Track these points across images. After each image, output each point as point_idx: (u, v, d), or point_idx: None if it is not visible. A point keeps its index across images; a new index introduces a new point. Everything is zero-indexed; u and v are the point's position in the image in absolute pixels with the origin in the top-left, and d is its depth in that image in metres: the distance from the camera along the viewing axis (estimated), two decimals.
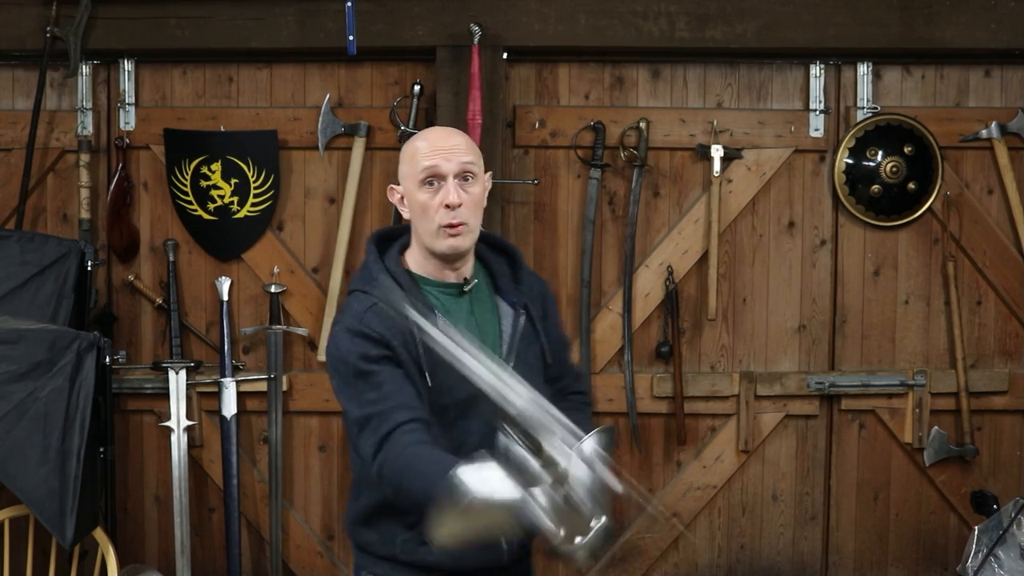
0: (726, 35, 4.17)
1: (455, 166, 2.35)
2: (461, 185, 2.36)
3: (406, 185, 2.40)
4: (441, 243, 2.36)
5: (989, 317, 4.42)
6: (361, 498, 2.47)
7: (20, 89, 4.31)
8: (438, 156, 2.35)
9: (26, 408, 3.51)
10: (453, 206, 2.33)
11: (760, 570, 4.44)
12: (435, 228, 2.35)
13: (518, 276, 2.52)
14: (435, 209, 2.35)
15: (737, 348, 4.39)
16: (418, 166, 2.36)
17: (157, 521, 4.38)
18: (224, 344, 4.24)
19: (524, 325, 2.48)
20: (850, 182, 4.33)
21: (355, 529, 2.50)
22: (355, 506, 2.50)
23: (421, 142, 2.40)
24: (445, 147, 2.37)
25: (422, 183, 2.36)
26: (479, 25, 4.06)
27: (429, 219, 2.36)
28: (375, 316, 2.33)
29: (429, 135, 2.44)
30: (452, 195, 2.33)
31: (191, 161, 4.24)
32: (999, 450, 4.45)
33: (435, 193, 2.35)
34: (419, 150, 2.38)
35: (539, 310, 2.53)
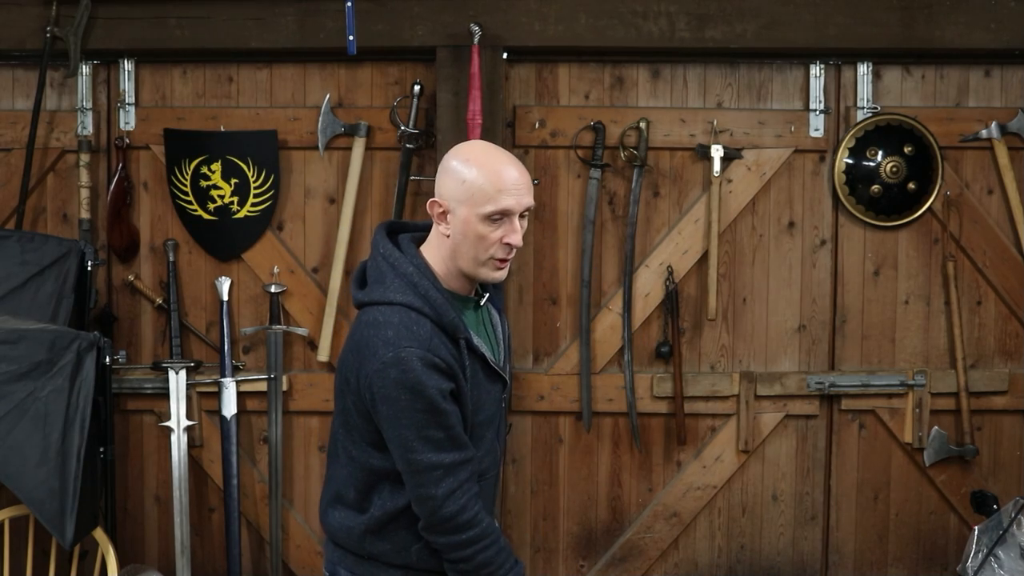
0: (726, 35, 4.17)
1: (523, 207, 2.35)
2: (521, 223, 2.37)
3: (462, 210, 2.33)
4: (487, 273, 2.38)
5: (989, 317, 4.42)
6: (371, 509, 2.45)
7: (20, 89, 4.31)
8: (511, 197, 2.32)
9: (26, 408, 3.51)
10: (516, 246, 2.35)
11: (760, 570, 4.44)
12: (487, 259, 2.36)
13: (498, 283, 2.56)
14: (494, 243, 2.34)
15: (737, 348, 4.39)
16: (488, 203, 2.31)
17: (157, 521, 4.38)
18: (224, 344, 4.24)
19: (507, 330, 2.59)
20: (850, 182, 4.33)
21: (363, 539, 2.46)
22: (361, 518, 2.47)
23: (490, 175, 2.32)
24: (517, 186, 2.33)
25: (488, 218, 2.32)
26: (479, 25, 4.06)
27: (483, 249, 2.35)
28: (440, 343, 2.32)
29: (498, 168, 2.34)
30: (518, 235, 2.35)
31: (191, 161, 4.24)
32: (999, 450, 4.45)
33: (497, 228, 2.33)
34: (489, 184, 2.31)
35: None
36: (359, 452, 2.42)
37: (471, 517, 2.35)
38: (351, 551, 2.49)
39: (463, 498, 2.34)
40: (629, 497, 4.42)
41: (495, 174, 2.32)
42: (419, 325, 2.31)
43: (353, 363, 2.36)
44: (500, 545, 2.41)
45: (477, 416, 2.41)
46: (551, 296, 4.36)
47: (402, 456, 2.33)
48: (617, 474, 4.41)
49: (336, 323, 4.26)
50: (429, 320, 2.31)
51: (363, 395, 2.34)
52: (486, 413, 2.44)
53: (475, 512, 2.36)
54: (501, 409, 2.54)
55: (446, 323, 2.32)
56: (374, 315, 2.33)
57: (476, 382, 2.39)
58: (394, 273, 2.36)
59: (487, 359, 2.42)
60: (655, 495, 4.42)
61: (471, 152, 2.38)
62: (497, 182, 2.31)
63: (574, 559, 4.44)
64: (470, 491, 2.36)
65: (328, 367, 4.31)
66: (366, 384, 2.31)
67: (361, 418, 2.39)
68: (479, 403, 2.41)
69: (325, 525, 2.55)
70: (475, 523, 2.36)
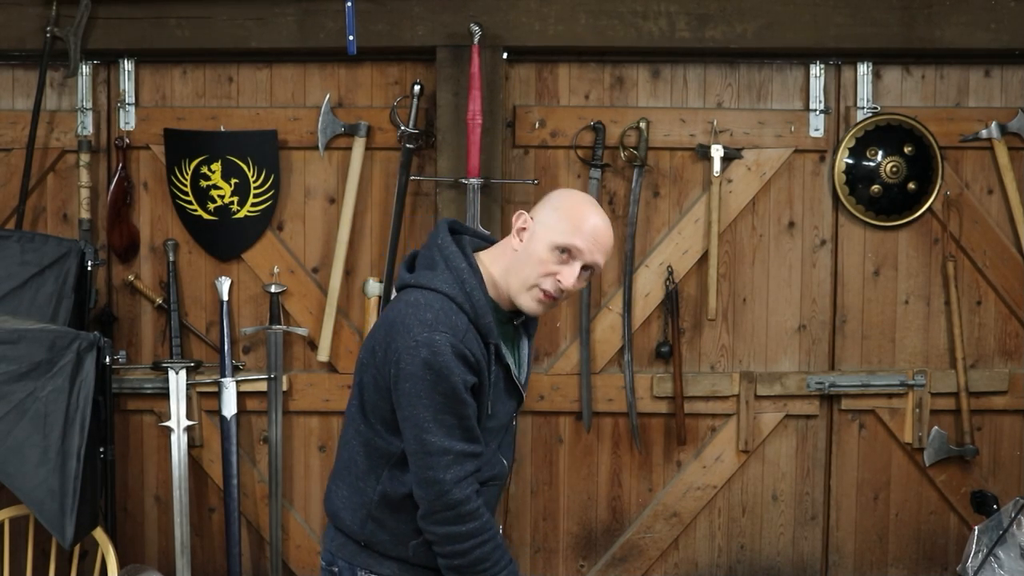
0: (726, 35, 4.17)
1: (591, 259, 2.43)
2: (582, 275, 2.44)
3: (543, 233, 2.43)
4: (526, 302, 2.44)
5: (989, 317, 4.42)
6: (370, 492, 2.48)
7: (20, 89, 4.31)
8: (589, 243, 2.42)
9: (26, 408, 3.51)
10: (566, 289, 2.42)
11: (760, 570, 4.44)
12: (533, 284, 2.42)
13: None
14: (549, 274, 2.41)
15: (737, 348, 4.39)
16: (566, 236, 2.41)
17: (157, 521, 4.38)
18: (224, 344, 4.24)
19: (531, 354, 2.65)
20: (850, 182, 4.33)
21: (364, 524, 2.49)
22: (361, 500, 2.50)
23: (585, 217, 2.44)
24: (600, 242, 2.44)
25: (557, 248, 2.41)
26: (479, 25, 4.06)
27: (536, 274, 2.42)
28: (473, 339, 2.39)
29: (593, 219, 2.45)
30: (571, 280, 2.41)
31: (191, 161, 4.24)
32: (999, 450, 4.45)
33: (560, 263, 2.41)
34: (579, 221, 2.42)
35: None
36: (367, 429, 2.47)
37: (473, 509, 2.38)
38: (351, 537, 2.51)
39: (468, 489, 2.38)
40: (629, 497, 4.43)
41: (583, 217, 2.45)
42: (458, 317, 2.38)
43: (383, 337, 2.41)
44: (497, 542, 2.43)
45: (489, 421, 2.47)
46: None
47: (415, 436, 2.36)
48: (617, 474, 4.41)
49: (336, 323, 4.26)
50: (467, 317, 2.39)
51: (387, 370, 2.39)
52: (497, 422, 2.50)
53: (477, 506, 2.39)
54: (512, 425, 2.61)
55: (482, 324, 2.40)
56: (416, 296, 2.41)
57: (497, 390, 2.46)
58: (446, 265, 2.44)
59: (511, 371, 2.50)
60: (655, 495, 4.42)
61: (575, 196, 2.52)
62: (581, 223, 2.43)
63: (574, 559, 4.44)
64: (474, 484, 2.40)
65: (328, 367, 4.31)
66: (394, 359, 2.36)
67: (378, 394, 2.43)
68: (495, 410, 2.47)
69: (327, 506, 2.58)
70: (476, 516, 2.39)
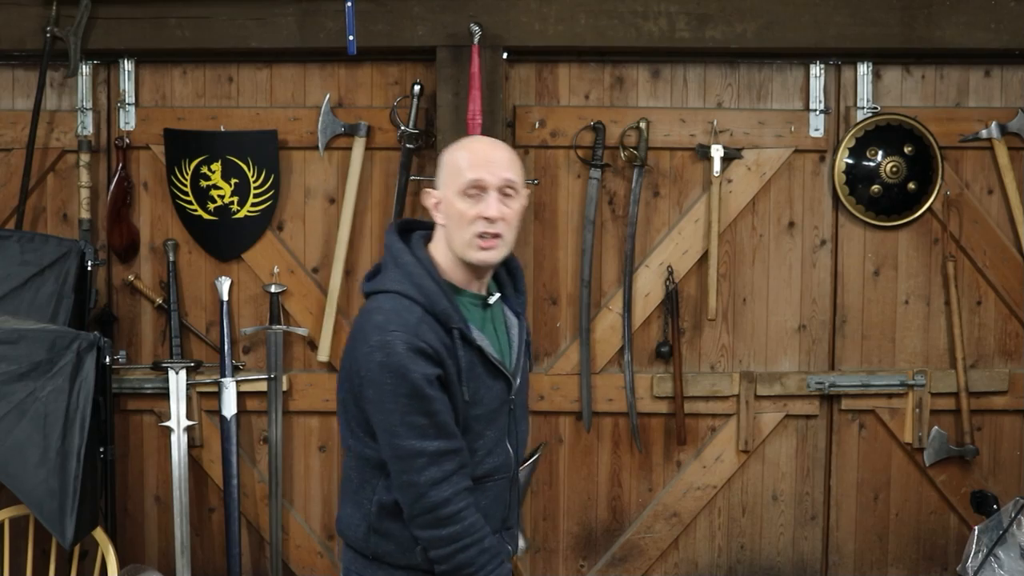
0: (726, 35, 4.17)
1: (498, 180, 2.36)
2: (502, 200, 2.37)
3: (445, 192, 2.40)
4: (474, 254, 2.37)
5: (989, 317, 4.42)
6: (367, 504, 2.45)
7: (20, 89, 4.31)
8: (483, 169, 2.36)
9: (26, 408, 3.51)
10: (493, 219, 2.35)
11: (760, 570, 4.44)
12: (470, 238, 2.36)
13: (517, 284, 2.56)
14: (472, 219, 2.35)
15: (737, 348, 4.39)
16: (461, 177, 2.36)
17: (157, 521, 4.38)
18: (224, 344, 4.24)
19: (523, 334, 2.54)
20: (850, 182, 4.33)
21: (368, 538, 2.46)
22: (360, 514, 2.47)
23: (465, 152, 2.40)
24: (491, 160, 2.38)
25: (463, 193, 2.36)
26: (479, 25, 4.06)
27: (466, 229, 2.36)
28: (429, 329, 2.34)
29: (474, 146, 2.44)
30: (492, 208, 2.35)
31: (191, 161, 4.23)
32: (999, 450, 4.45)
33: (475, 204, 2.36)
34: (463, 160, 2.38)
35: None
36: (355, 441, 2.46)
37: (454, 512, 2.33)
38: (359, 552, 2.49)
39: (448, 490, 2.33)
40: (629, 497, 4.42)
41: (469, 150, 2.41)
42: (409, 312, 2.34)
43: (349, 348, 2.43)
44: (483, 546, 2.36)
45: (474, 409, 2.40)
46: (551, 296, 4.36)
47: (388, 442, 2.35)
48: (617, 474, 4.41)
49: (336, 323, 4.26)
50: (421, 308, 2.35)
51: (354, 380, 2.38)
52: (485, 408, 2.42)
53: (459, 507, 2.33)
54: (512, 411, 2.50)
55: (438, 311, 2.35)
56: (370, 303, 2.42)
57: (473, 375, 2.39)
58: (394, 264, 2.42)
59: (485, 352, 2.41)
60: (655, 495, 4.42)
61: (453, 145, 2.48)
62: (470, 157, 2.38)
63: (574, 559, 4.44)
64: (458, 484, 2.34)
65: (328, 367, 4.31)
66: (356, 368, 2.37)
67: (356, 405, 2.42)
68: (476, 396, 2.40)
69: (336, 527, 2.56)
70: (457, 519, 2.33)
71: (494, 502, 2.48)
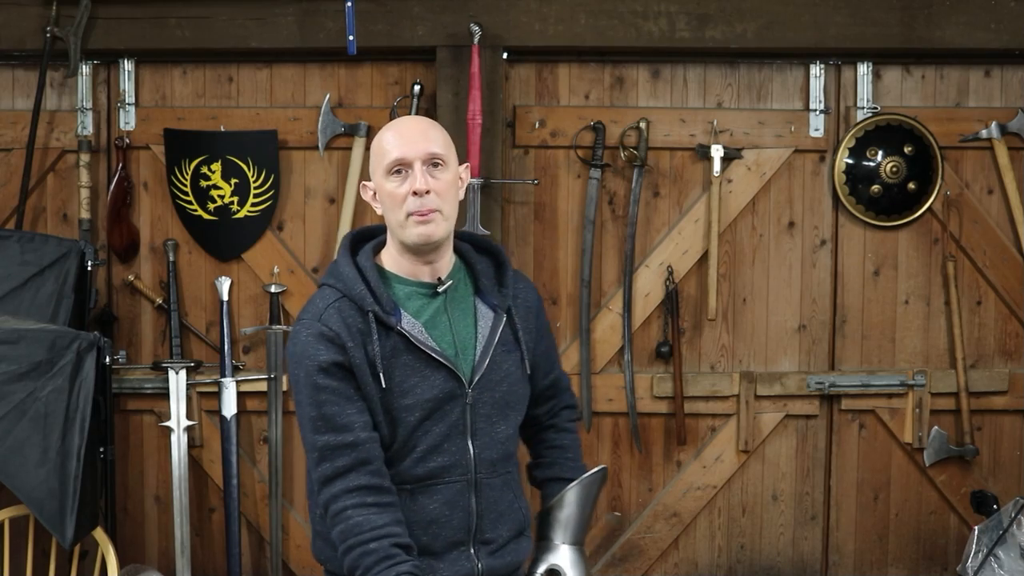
0: (726, 35, 4.17)
1: (420, 153, 2.28)
2: (430, 171, 2.29)
3: (376, 179, 2.33)
4: (411, 232, 2.28)
5: (989, 317, 4.42)
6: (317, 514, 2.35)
7: (20, 89, 4.31)
8: (404, 146, 2.29)
9: (26, 408, 3.51)
10: (420, 192, 2.26)
11: (760, 570, 4.44)
12: (403, 217, 2.28)
13: (503, 279, 2.43)
14: (403, 198, 2.27)
15: (737, 348, 4.39)
16: (384, 156, 2.30)
17: (157, 521, 4.38)
18: (224, 344, 4.24)
19: (504, 329, 2.39)
20: (850, 182, 4.33)
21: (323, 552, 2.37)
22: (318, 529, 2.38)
23: (387, 133, 2.33)
24: (410, 136, 2.31)
25: (389, 173, 2.29)
26: (479, 25, 4.06)
27: (398, 209, 2.28)
28: (335, 313, 2.27)
29: (394, 125, 2.36)
30: (419, 181, 2.26)
31: (191, 161, 4.24)
32: (999, 450, 4.45)
33: (403, 182, 2.28)
34: (385, 141, 2.31)
35: (527, 319, 2.46)
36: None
37: (340, 509, 2.20)
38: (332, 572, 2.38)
39: (338, 486, 2.21)
40: (629, 497, 4.42)
41: (389, 131, 2.34)
42: (322, 299, 2.32)
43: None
44: (366, 549, 2.17)
45: (402, 399, 2.27)
46: (551, 296, 4.36)
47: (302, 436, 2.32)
48: (617, 474, 4.41)
49: None
50: (338, 293, 2.30)
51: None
52: (418, 399, 2.27)
53: (345, 505, 2.20)
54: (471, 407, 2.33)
55: (353, 295, 2.28)
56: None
57: (398, 362, 2.27)
58: (331, 265, 2.40)
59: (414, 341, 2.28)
60: (655, 495, 4.42)
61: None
62: (390, 137, 2.31)
63: None
64: (350, 481, 2.21)
65: None
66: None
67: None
68: (404, 386, 2.27)
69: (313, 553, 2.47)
70: (341, 518, 2.20)
71: (448, 507, 2.32)
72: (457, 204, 2.35)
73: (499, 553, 2.40)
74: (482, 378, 2.34)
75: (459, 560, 2.34)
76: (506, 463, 2.41)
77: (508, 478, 2.42)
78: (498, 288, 2.42)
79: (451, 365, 2.30)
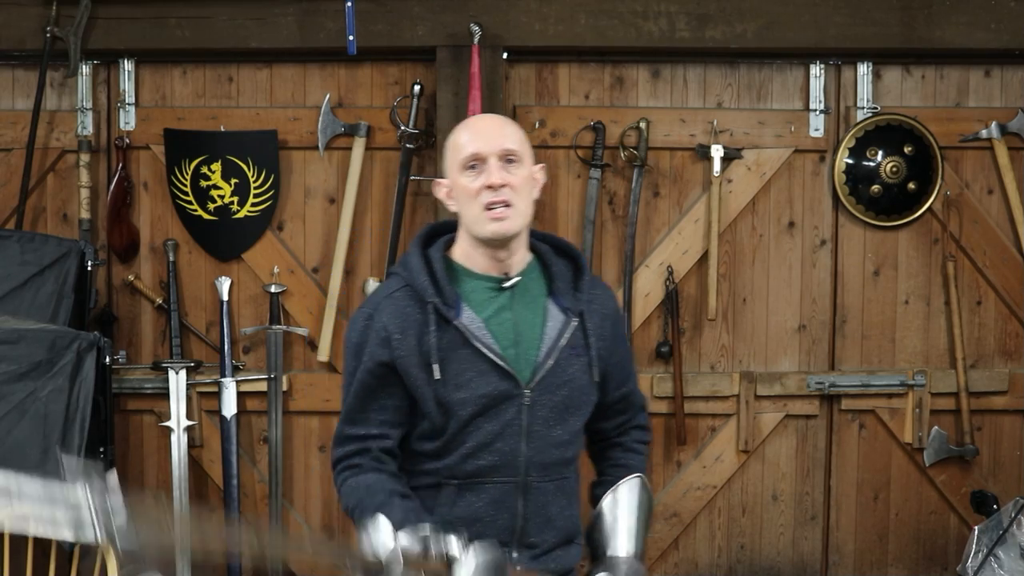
0: (726, 35, 4.17)
1: (496, 149, 2.29)
2: (505, 167, 2.29)
3: (451, 175, 2.33)
4: (485, 227, 2.28)
5: (989, 317, 4.42)
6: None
7: (20, 89, 4.31)
8: (480, 140, 2.30)
9: (26, 408, 3.51)
10: (495, 186, 2.26)
11: (760, 570, 4.44)
12: (478, 211, 2.27)
13: (579, 283, 2.39)
14: (477, 192, 2.27)
15: (737, 348, 4.39)
16: (460, 153, 2.31)
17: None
18: (224, 344, 4.24)
19: (573, 334, 2.35)
20: (850, 182, 4.33)
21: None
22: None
23: (462, 130, 2.36)
24: (486, 132, 2.33)
25: (464, 168, 2.30)
26: (479, 25, 4.06)
27: (472, 203, 2.28)
28: (391, 304, 2.31)
29: (472, 122, 2.42)
30: (495, 175, 2.27)
31: (191, 161, 4.23)
32: (999, 450, 4.45)
33: (477, 176, 2.28)
34: (460, 137, 2.33)
35: (602, 326, 2.40)
36: None
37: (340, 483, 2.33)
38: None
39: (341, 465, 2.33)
40: None
41: (465, 127, 2.36)
42: (387, 287, 2.36)
43: None
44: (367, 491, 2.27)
45: (457, 392, 2.27)
46: None
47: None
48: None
49: (336, 323, 4.25)
50: (402, 282, 2.33)
51: None
52: (473, 393, 2.27)
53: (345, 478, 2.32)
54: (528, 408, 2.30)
55: (416, 285, 2.30)
56: None
57: (455, 356, 2.27)
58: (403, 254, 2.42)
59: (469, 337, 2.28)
60: (655, 495, 4.42)
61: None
62: (467, 133, 2.34)
63: None
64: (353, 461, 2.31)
65: (328, 367, 4.31)
66: None
67: None
68: (460, 379, 2.27)
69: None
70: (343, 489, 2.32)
71: (493, 507, 2.31)
72: (531, 202, 2.35)
73: (543, 559, 2.36)
74: (543, 379, 2.31)
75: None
76: (562, 468, 2.37)
77: (563, 484, 2.38)
78: (573, 291, 2.38)
79: (504, 364, 2.29)
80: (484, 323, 2.30)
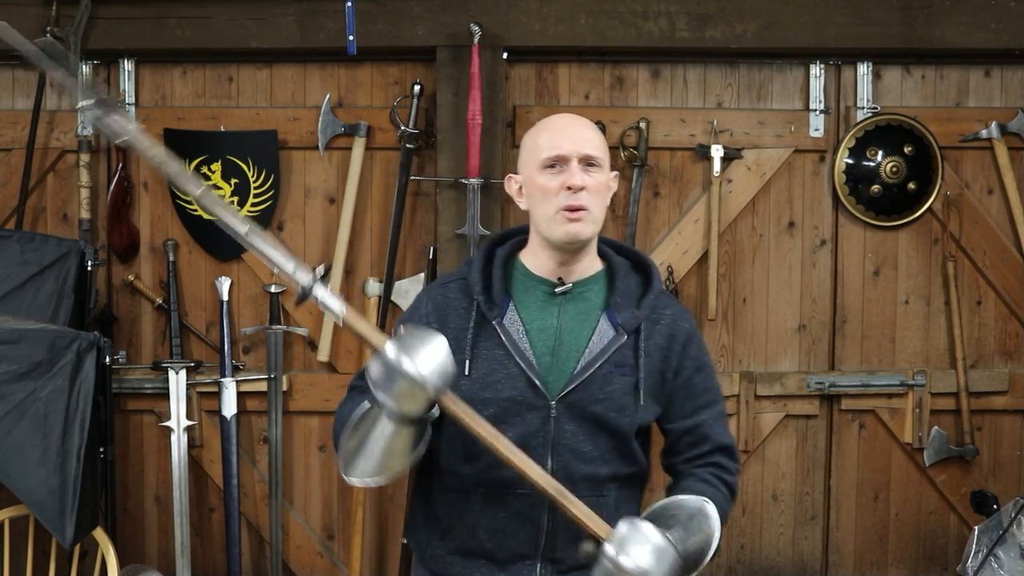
0: (726, 35, 4.17)
1: (579, 151, 2.26)
2: (585, 170, 2.26)
3: (526, 172, 2.31)
4: (559, 228, 2.24)
5: (989, 317, 4.42)
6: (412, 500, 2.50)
7: (20, 89, 4.31)
8: (564, 140, 2.27)
9: (26, 408, 3.51)
10: (575, 188, 2.23)
11: (760, 570, 4.44)
12: (554, 212, 2.24)
13: (643, 300, 2.32)
14: (555, 192, 2.24)
15: (737, 348, 4.39)
16: (541, 150, 2.27)
17: (157, 521, 4.38)
18: (224, 344, 4.24)
19: (620, 350, 2.28)
20: (850, 182, 4.33)
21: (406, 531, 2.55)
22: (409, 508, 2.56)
23: (545, 129, 2.33)
24: (570, 133, 2.29)
25: (544, 167, 2.27)
26: (479, 25, 4.06)
27: (548, 203, 2.25)
28: (442, 293, 2.35)
29: (556, 121, 2.36)
30: (576, 177, 2.23)
31: (191, 161, 4.24)
32: (999, 450, 4.45)
33: (557, 176, 2.25)
34: (543, 136, 2.30)
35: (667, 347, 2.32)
36: None
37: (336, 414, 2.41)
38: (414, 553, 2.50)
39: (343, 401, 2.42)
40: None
41: (548, 125, 2.34)
42: (449, 275, 2.41)
43: None
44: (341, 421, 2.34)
45: (482, 392, 2.24)
46: None
47: None
48: None
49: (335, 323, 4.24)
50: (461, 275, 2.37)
51: None
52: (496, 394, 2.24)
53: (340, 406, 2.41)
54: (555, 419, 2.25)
55: (471, 280, 2.32)
56: None
57: (488, 355, 2.26)
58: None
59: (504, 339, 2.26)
60: (655, 495, 4.41)
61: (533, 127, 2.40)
62: (549, 131, 2.31)
63: None
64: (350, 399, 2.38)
65: (328, 367, 4.31)
66: None
67: None
68: (488, 379, 2.25)
69: None
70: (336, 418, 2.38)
71: (516, 519, 2.27)
72: (605, 209, 2.32)
73: (570, 573, 2.30)
74: (573, 392, 2.25)
75: (522, 572, 2.30)
76: (596, 486, 2.30)
77: (599, 502, 2.26)
78: (634, 308, 2.31)
79: (531, 373, 2.25)
80: (525, 327, 2.28)
